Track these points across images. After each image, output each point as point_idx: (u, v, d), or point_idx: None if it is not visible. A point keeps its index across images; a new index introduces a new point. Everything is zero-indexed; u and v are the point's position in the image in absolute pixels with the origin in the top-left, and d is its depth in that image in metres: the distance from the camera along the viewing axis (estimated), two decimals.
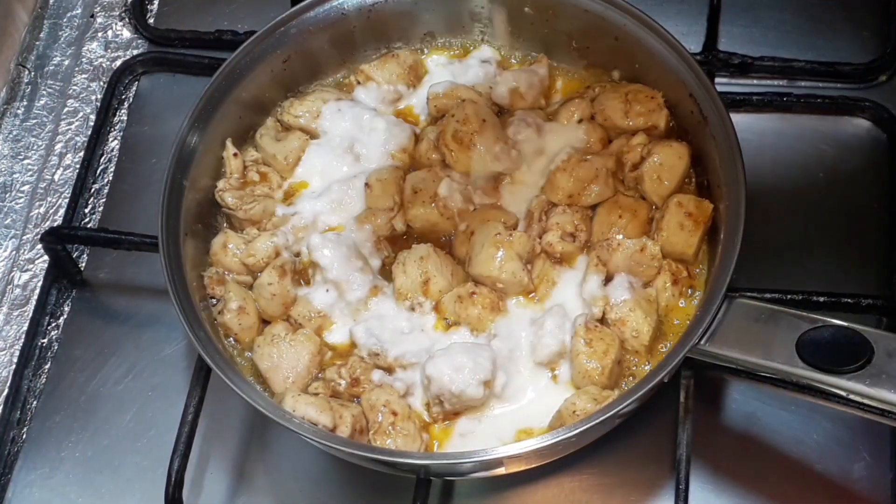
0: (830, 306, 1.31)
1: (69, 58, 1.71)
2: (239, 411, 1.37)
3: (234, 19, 1.69)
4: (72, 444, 1.39)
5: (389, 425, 1.25)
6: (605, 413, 1.17)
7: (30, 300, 1.50)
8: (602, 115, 1.43)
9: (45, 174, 1.60)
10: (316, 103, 1.47)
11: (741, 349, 1.20)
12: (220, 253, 1.37)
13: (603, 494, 1.31)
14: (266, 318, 1.35)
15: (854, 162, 1.51)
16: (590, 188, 1.37)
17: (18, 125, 1.66)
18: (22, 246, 1.55)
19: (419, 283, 1.33)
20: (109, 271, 1.51)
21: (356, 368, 1.30)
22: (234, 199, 1.39)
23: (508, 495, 1.32)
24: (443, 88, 1.45)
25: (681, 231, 1.32)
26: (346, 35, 1.50)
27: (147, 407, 1.41)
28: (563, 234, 1.35)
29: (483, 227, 1.35)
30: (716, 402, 1.35)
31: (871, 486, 1.30)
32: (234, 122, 1.45)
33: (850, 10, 1.63)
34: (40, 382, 1.44)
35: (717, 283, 1.23)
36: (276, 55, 1.46)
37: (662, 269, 1.32)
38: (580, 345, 1.26)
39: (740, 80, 1.57)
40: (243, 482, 1.35)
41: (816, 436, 1.33)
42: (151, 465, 1.33)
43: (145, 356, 1.44)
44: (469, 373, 1.25)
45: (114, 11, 1.75)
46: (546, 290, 1.35)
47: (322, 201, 1.41)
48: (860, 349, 1.14)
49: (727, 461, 1.32)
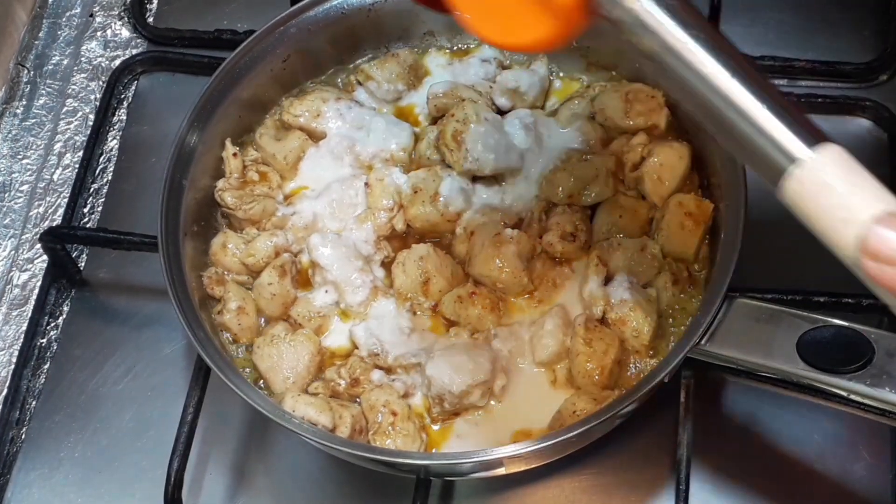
0: (831, 306, 1.30)
1: (68, 57, 1.71)
2: (239, 411, 1.37)
3: (233, 19, 1.69)
4: (71, 444, 1.39)
5: (389, 425, 1.25)
6: (605, 413, 1.17)
7: (29, 300, 1.50)
8: (602, 114, 1.43)
9: (45, 174, 1.60)
10: (316, 103, 1.47)
11: (741, 349, 1.20)
12: (220, 253, 1.37)
13: (603, 494, 1.31)
14: (266, 318, 1.35)
15: None
16: (590, 188, 1.37)
17: (17, 125, 1.65)
18: (21, 246, 1.55)
19: (419, 283, 1.33)
20: (109, 271, 1.51)
21: (356, 369, 1.30)
22: (234, 198, 1.39)
23: (508, 495, 1.31)
24: (443, 88, 1.45)
25: (681, 231, 1.32)
26: (346, 34, 1.50)
27: (147, 407, 1.40)
28: (563, 234, 1.34)
29: (483, 227, 1.35)
30: (716, 402, 1.35)
31: (871, 486, 1.30)
32: (234, 122, 1.45)
33: (851, 10, 1.63)
34: (39, 382, 1.44)
35: (718, 283, 1.23)
36: (275, 55, 1.46)
37: (662, 269, 1.32)
38: (580, 345, 1.26)
39: None
40: (243, 482, 1.35)
41: (816, 436, 1.33)
42: (151, 465, 1.33)
43: (145, 356, 1.44)
44: (469, 373, 1.25)
45: (113, 11, 1.74)
46: (546, 290, 1.35)
47: (322, 201, 1.40)
48: (861, 349, 1.14)
49: (727, 461, 1.31)
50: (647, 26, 0.81)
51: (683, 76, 0.80)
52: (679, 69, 0.80)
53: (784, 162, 0.75)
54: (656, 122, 1.40)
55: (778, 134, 0.76)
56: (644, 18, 0.81)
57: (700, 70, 0.80)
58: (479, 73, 1.49)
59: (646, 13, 0.81)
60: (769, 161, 0.76)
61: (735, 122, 0.77)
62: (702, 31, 0.81)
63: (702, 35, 0.80)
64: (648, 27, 0.81)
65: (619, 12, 0.82)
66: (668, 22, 0.81)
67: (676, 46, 0.80)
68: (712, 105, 0.79)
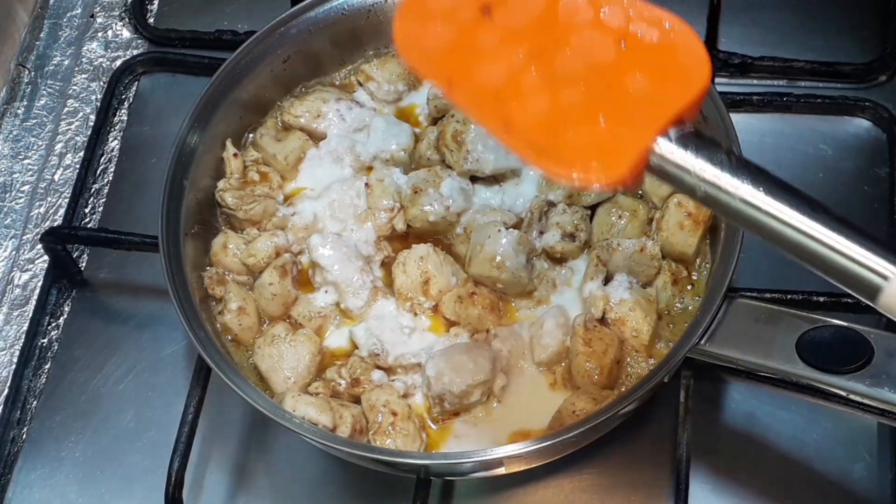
0: (830, 306, 1.31)
1: (69, 58, 1.71)
2: (239, 411, 1.37)
3: (234, 19, 1.69)
4: (72, 444, 1.39)
5: (389, 425, 1.25)
6: (605, 413, 1.17)
7: (30, 300, 1.50)
8: None
9: (45, 174, 1.60)
10: (316, 103, 1.47)
11: (741, 349, 1.20)
12: (221, 253, 1.37)
13: (603, 494, 1.31)
14: (266, 318, 1.35)
15: (853, 162, 1.51)
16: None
17: (18, 125, 1.66)
18: (22, 246, 1.55)
19: (419, 283, 1.33)
20: (109, 271, 1.51)
21: (356, 368, 1.30)
22: (235, 199, 1.39)
23: (508, 495, 1.31)
24: None
25: (681, 231, 1.32)
26: (347, 35, 1.50)
27: (147, 407, 1.41)
28: (563, 234, 1.35)
29: (482, 227, 1.35)
30: (716, 402, 1.35)
31: (871, 486, 1.30)
32: (235, 122, 1.45)
33: (850, 10, 1.63)
34: (40, 382, 1.44)
35: (717, 283, 1.23)
36: (276, 55, 1.46)
37: (662, 269, 1.33)
38: (579, 345, 1.26)
39: (740, 80, 1.57)
40: (243, 482, 1.35)
41: (816, 436, 1.33)
42: (151, 465, 1.33)
43: (145, 356, 1.44)
44: (469, 373, 1.25)
45: (114, 11, 1.75)
46: (546, 290, 1.35)
47: (322, 202, 1.41)
48: (860, 349, 1.14)
49: (727, 461, 1.32)
50: (722, 189, 0.87)
51: (764, 224, 0.87)
52: (756, 218, 0.87)
53: (877, 280, 0.84)
54: None
55: (866, 259, 0.84)
56: (717, 184, 0.86)
57: (781, 217, 0.86)
58: None
59: (716, 180, 0.86)
60: (863, 282, 0.85)
61: (826, 255, 0.85)
62: (764, 180, 0.87)
63: (768, 185, 0.87)
64: (723, 190, 0.87)
65: (689, 180, 0.87)
66: (737, 184, 0.86)
67: (752, 202, 0.86)
68: (804, 246, 0.86)
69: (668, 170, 0.87)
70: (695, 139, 0.87)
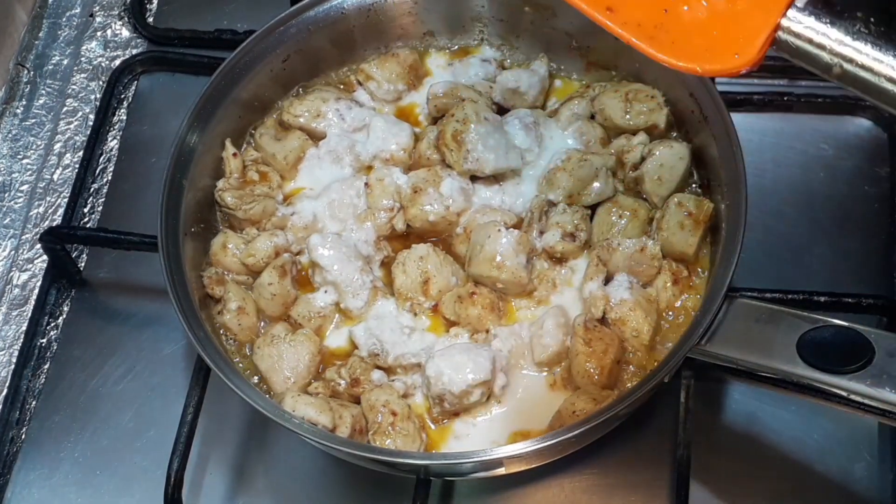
0: (831, 306, 1.31)
1: (68, 57, 1.71)
2: (239, 411, 1.37)
3: (233, 19, 1.69)
4: (71, 444, 1.39)
5: (389, 425, 1.25)
6: (605, 413, 1.17)
7: (29, 300, 1.50)
8: (602, 114, 1.42)
9: (45, 174, 1.60)
10: (316, 103, 1.47)
11: (741, 349, 1.20)
12: (220, 253, 1.37)
13: (603, 495, 1.31)
14: (266, 318, 1.35)
15: (854, 162, 1.51)
16: (590, 188, 1.37)
17: (17, 125, 1.66)
18: (21, 246, 1.55)
19: (419, 283, 1.33)
20: (109, 271, 1.51)
21: (356, 368, 1.30)
22: (234, 198, 1.39)
23: (508, 495, 1.31)
24: (443, 88, 1.45)
25: (681, 231, 1.32)
26: (346, 34, 1.50)
27: (146, 407, 1.40)
28: (563, 234, 1.34)
29: (482, 227, 1.35)
30: (716, 402, 1.35)
31: (871, 486, 1.30)
32: (234, 122, 1.45)
33: None
34: (39, 382, 1.44)
35: (718, 283, 1.22)
36: (275, 54, 1.46)
37: (662, 269, 1.32)
38: (579, 345, 1.26)
39: (740, 80, 1.56)
40: (243, 482, 1.34)
41: (816, 436, 1.33)
42: (151, 465, 1.33)
43: (145, 356, 1.44)
44: (469, 373, 1.25)
45: (113, 11, 1.74)
46: (546, 290, 1.35)
47: (322, 201, 1.40)
48: (861, 349, 1.14)
49: (727, 461, 1.31)
50: (863, 66, 0.76)
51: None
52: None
53: None
54: (656, 122, 1.40)
55: None
56: (857, 60, 0.75)
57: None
58: (479, 73, 1.49)
59: (855, 55, 0.75)
60: None
61: None
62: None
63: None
64: (865, 67, 0.76)
65: (823, 58, 0.76)
66: (881, 57, 0.75)
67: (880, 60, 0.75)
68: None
69: (799, 46, 0.75)
70: (827, 7, 0.74)
